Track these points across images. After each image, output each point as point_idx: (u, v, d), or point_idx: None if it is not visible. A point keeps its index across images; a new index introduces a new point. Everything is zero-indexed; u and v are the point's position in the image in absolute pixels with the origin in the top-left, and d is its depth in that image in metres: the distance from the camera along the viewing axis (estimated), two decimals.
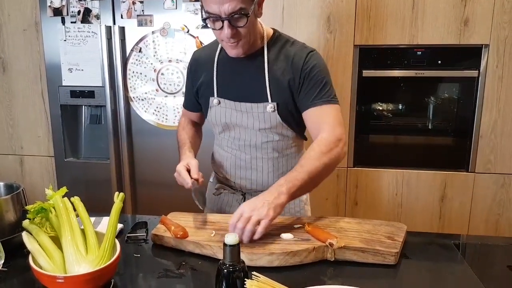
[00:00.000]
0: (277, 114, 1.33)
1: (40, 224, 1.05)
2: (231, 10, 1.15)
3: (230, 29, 1.19)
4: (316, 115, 1.31)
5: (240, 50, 1.27)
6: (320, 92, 1.30)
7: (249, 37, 1.25)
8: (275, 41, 1.35)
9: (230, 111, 1.38)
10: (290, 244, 1.12)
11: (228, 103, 1.38)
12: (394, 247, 1.11)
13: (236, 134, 1.42)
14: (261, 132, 1.38)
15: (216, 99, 1.40)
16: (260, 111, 1.34)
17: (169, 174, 2.38)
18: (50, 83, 2.39)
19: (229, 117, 1.39)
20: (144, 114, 2.31)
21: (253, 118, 1.36)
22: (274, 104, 1.32)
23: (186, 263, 1.11)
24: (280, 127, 1.36)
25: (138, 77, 2.27)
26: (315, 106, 1.30)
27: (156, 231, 1.23)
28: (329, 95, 1.31)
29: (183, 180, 1.33)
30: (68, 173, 2.48)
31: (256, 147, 1.41)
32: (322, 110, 1.30)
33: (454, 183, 2.29)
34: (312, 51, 1.34)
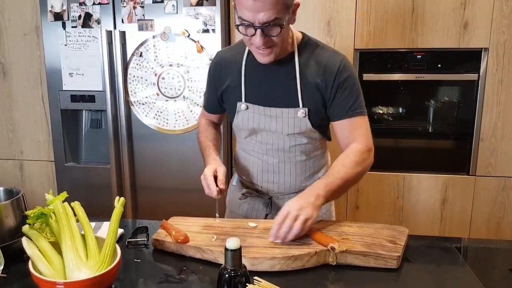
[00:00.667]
0: (307, 120, 1.32)
1: (40, 229, 1.04)
2: (266, 19, 1.12)
3: (263, 38, 1.17)
4: (348, 126, 1.32)
5: (271, 57, 1.24)
6: (354, 104, 1.31)
7: (281, 45, 1.23)
8: (305, 45, 1.33)
9: (258, 116, 1.37)
10: (291, 249, 1.11)
11: (256, 108, 1.36)
12: (396, 250, 1.10)
13: (263, 139, 1.41)
14: (290, 136, 1.37)
15: (244, 104, 1.37)
16: (291, 116, 1.33)
17: (170, 179, 2.40)
18: (51, 87, 2.39)
19: (257, 122, 1.37)
20: (145, 119, 2.31)
21: (283, 123, 1.35)
22: (305, 110, 1.31)
23: (187, 268, 1.11)
24: (309, 131, 1.36)
25: (138, 82, 2.27)
26: (348, 117, 1.31)
27: (157, 236, 1.23)
28: (361, 106, 1.32)
29: (209, 188, 1.31)
30: (68, 178, 2.47)
31: (284, 151, 1.40)
32: (355, 122, 1.32)
33: (455, 186, 2.29)
34: (343, 57, 1.33)
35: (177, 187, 2.36)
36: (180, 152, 2.32)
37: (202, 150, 1.51)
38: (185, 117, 2.27)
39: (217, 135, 1.58)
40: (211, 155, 1.44)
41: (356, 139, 1.32)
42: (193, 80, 2.22)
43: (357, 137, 1.32)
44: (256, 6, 1.10)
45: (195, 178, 2.35)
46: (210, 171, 1.34)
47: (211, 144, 1.49)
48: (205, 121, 1.60)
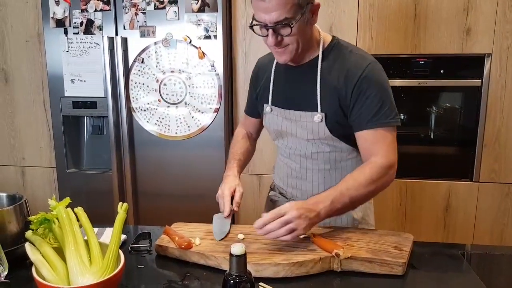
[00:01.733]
0: (325, 126, 1.28)
1: (43, 235, 1.04)
2: (276, 19, 1.14)
3: (274, 38, 1.19)
4: (369, 139, 1.25)
5: (287, 56, 1.23)
6: (377, 113, 1.22)
7: (296, 45, 1.21)
8: (332, 49, 1.29)
9: (281, 119, 1.37)
10: (296, 255, 1.10)
11: (279, 110, 1.37)
12: (402, 257, 1.09)
13: (288, 142, 1.40)
14: (311, 142, 1.34)
15: (269, 106, 1.39)
16: (308, 121, 1.30)
17: (171, 185, 2.39)
18: (52, 94, 2.39)
19: (280, 124, 1.38)
20: (147, 125, 2.31)
21: (301, 127, 1.33)
22: (322, 115, 1.27)
23: (190, 274, 1.10)
24: (330, 138, 1.30)
25: (140, 88, 2.28)
26: (369, 129, 1.23)
27: (160, 241, 1.22)
28: (387, 116, 1.22)
29: (224, 206, 1.31)
30: (70, 184, 2.46)
31: (306, 157, 1.37)
32: (377, 134, 1.23)
33: (459, 193, 2.28)
34: (370, 63, 1.24)
35: (179, 193, 2.35)
36: (182, 159, 2.31)
37: (228, 161, 1.51)
38: (187, 123, 2.26)
39: (249, 150, 1.57)
40: (232, 170, 1.43)
41: (377, 153, 1.23)
42: (195, 86, 2.22)
43: (378, 150, 1.23)
44: (266, 7, 1.13)
45: (196, 184, 2.37)
46: (229, 191, 1.33)
47: (238, 158, 1.48)
48: (242, 132, 1.60)
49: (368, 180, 1.20)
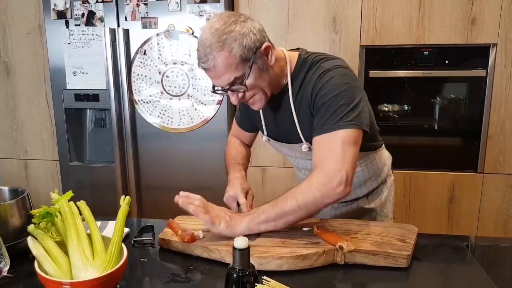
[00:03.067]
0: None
1: (45, 229, 1.03)
2: (227, 82, 1.13)
3: (235, 96, 1.19)
4: (314, 147, 1.16)
5: (259, 104, 1.22)
6: (322, 118, 1.12)
7: (262, 92, 1.19)
8: (299, 70, 1.23)
9: (279, 146, 1.38)
10: (299, 248, 1.09)
11: (273, 141, 1.38)
12: (406, 249, 1.08)
13: (294, 159, 1.43)
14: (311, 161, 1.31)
15: (265, 137, 1.41)
16: (299, 149, 1.30)
17: (174, 177, 2.39)
18: (54, 86, 2.38)
19: (280, 150, 1.41)
20: (149, 117, 2.30)
21: (299, 152, 1.33)
22: (307, 145, 1.25)
23: (194, 268, 1.10)
24: None
25: (142, 80, 2.26)
26: (314, 136, 1.15)
27: (163, 235, 1.22)
28: (333, 120, 1.10)
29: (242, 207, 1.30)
30: (73, 177, 2.47)
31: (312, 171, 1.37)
32: (318, 141, 1.14)
33: (463, 184, 2.27)
34: (327, 69, 1.16)
35: (182, 186, 2.31)
36: (185, 151, 2.31)
37: (230, 164, 1.46)
38: (190, 115, 2.25)
39: (247, 155, 1.54)
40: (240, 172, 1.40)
41: (316, 165, 1.13)
42: (198, 78, 2.21)
43: (315, 161, 1.14)
44: (213, 75, 1.14)
45: (199, 177, 2.36)
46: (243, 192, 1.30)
47: (242, 162, 1.46)
48: (234, 140, 1.57)
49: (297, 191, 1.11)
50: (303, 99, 1.21)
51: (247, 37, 1.10)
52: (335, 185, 1.08)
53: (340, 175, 1.08)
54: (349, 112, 1.11)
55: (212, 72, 1.12)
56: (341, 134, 1.09)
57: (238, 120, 1.54)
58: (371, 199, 1.40)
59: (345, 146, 1.09)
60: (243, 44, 1.10)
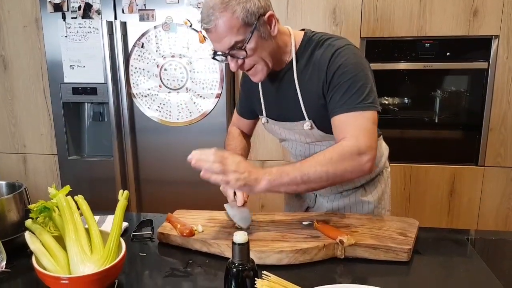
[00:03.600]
0: (317, 130, 1.25)
1: (43, 223, 1.03)
2: (228, 45, 1.12)
3: (235, 62, 1.17)
4: (338, 124, 1.15)
5: (260, 75, 1.20)
6: (344, 96, 1.13)
7: (263, 63, 1.18)
8: (305, 47, 1.22)
9: (278, 128, 1.35)
10: (299, 242, 1.08)
11: (273, 121, 1.35)
12: (407, 243, 1.07)
13: (291, 145, 1.39)
14: (312, 144, 1.31)
15: (264, 118, 1.38)
16: (300, 128, 1.27)
17: (173, 171, 2.38)
18: (52, 80, 2.36)
19: (279, 133, 1.37)
20: (148, 111, 2.28)
21: (299, 134, 1.30)
22: (310, 122, 1.23)
23: (193, 262, 1.09)
24: (328, 139, 1.25)
25: (140, 73, 2.24)
26: (337, 114, 1.14)
27: (162, 229, 1.21)
28: (357, 100, 1.12)
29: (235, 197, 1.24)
30: (71, 171, 2.45)
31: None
32: (347, 118, 1.13)
33: (463, 177, 2.26)
34: (338, 49, 1.16)
35: (181, 180, 2.34)
36: (184, 145, 2.29)
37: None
38: (188, 109, 2.24)
39: (247, 147, 1.52)
40: None
41: (344, 136, 1.12)
42: (196, 71, 2.19)
43: (346, 133, 1.12)
44: (214, 37, 1.13)
45: (199, 171, 2.33)
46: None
47: (240, 153, 1.43)
48: (235, 130, 1.55)
49: (326, 159, 1.08)
50: (311, 76, 1.20)
51: (251, 2, 1.10)
52: (365, 161, 1.09)
53: (373, 152, 1.10)
54: (369, 94, 1.13)
55: (214, 33, 1.12)
56: (367, 114, 1.12)
57: (237, 109, 1.54)
58: (368, 191, 1.38)
59: (372, 124, 1.12)
60: (246, 8, 1.09)
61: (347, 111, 1.12)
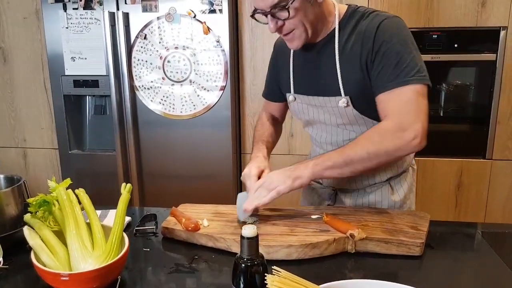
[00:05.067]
0: (352, 109, 1.16)
1: (42, 218, 1.00)
2: (271, 3, 1.07)
3: (274, 23, 1.12)
4: (384, 101, 1.09)
5: (298, 42, 1.14)
6: (394, 72, 1.06)
7: (302, 28, 1.12)
8: (348, 19, 1.16)
9: (307, 106, 1.27)
10: (308, 236, 1.05)
11: (302, 98, 1.26)
12: (419, 237, 1.04)
13: (318, 130, 1.31)
14: (341, 128, 1.24)
15: (291, 95, 1.29)
16: (333, 105, 1.18)
17: (177, 165, 2.34)
18: (53, 72, 2.32)
19: (307, 113, 1.28)
20: (151, 104, 2.25)
21: (329, 113, 1.22)
22: (347, 99, 1.15)
23: (198, 257, 1.05)
24: (361, 122, 1.19)
25: (143, 65, 2.20)
26: (384, 90, 1.08)
27: (166, 223, 1.17)
28: (406, 73, 1.05)
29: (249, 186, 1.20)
30: (73, 166, 2.42)
31: (337, 146, 1.25)
32: (393, 94, 1.07)
33: (471, 171, 2.22)
34: (385, 19, 1.10)
35: (185, 174, 2.30)
36: (188, 138, 2.26)
37: (255, 142, 1.40)
38: (192, 102, 2.20)
39: (276, 133, 1.47)
40: (262, 151, 1.31)
41: (388, 114, 1.07)
42: (200, 63, 2.15)
43: (388, 112, 1.08)
44: None
45: (203, 165, 2.32)
46: (256, 170, 1.20)
47: (267, 140, 1.39)
48: (265, 115, 1.49)
49: (366, 140, 1.07)
50: (353, 47, 1.13)
51: None
52: (410, 137, 1.05)
53: (416, 127, 1.04)
54: (422, 66, 1.08)
55: None
56: (416, 88, 1.06)
57: (265, 93, 1.48)
58: (394, 189, 1.32)
59: (420, 98, 1.06)
60: None
61: (395, 86, 1.07)
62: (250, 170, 1.21)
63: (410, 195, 1.36)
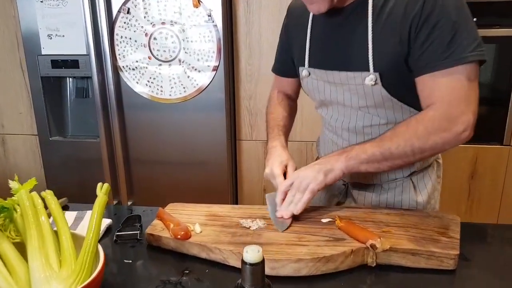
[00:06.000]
0: (381, 88, 0.98)
1: (2, 227, 0.83)
2: None
3: None
4: (428, 84, 0.93)
5: (320, 5, 0.96)
6: (448, 48, 0.89)
7: None
8: None
9: (323, 83, 1.09)
10: (320, 247, 0.88)
11: (319, 73, 1.08)
12: (453, 247, 0.87)
13: (333, 113, 1.13)
14: (362, 111, 1.06)
15: (305, 69, 1.10)
16: (358, 83, 1.00)
17: (167, 153, 2.16)
18: (28, 52, 2.10)
19: (322, 91, 1.10)
20: (136, 86, 2.04)
21: (350, 92, 1.04)
22: (376, 75, 0.96)
23: (190, 272, 0.89)
24: (389, 105, 1.02)
25: (127, 43, 1.99)
26: (432, 70, 0.91)
27: (152, 229, 1.00)
28: (464, 49, 0.88)
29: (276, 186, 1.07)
30: (55, 153, 2.23)
31: (355, 132, 1.09)
32: (441, 77, 0.91)
33: (487, 158, 2.06)
34: None
35: (175, 162, 2.12)
36: (178, 124, 2.07)
37: (270, 128, 1.24)
38: (182, 83, 2.00)
39: (291, 114, 1.30)
40: (279, 140, 1.17)
41: (434, 104, 0.93)
42: (189, 40, 1.94)
43: (435, 99, 0.92)
44: None
45: (195, 151, 2.14)
46: (280, 169, 1.07)
47: (283, 124, 1.23)
48: (277, 95, 1.30)
49: (410, 132, 0.94)
50: (392, 14, 0.94)
51: None
52: (460, 130, 0.93)
53: (467, 118, 0.92)
54: (473, 39, 0.90)
55: None
56: (472, 68, 0.91)
57: (276, 68, 1.30)
58: (417, 187, 1.15)
59: (473, 81, 0.92)
60: None
61: (445, 66, 0.90)
62: (273, 169, 1.06)
63: (435, 193, 1.19)
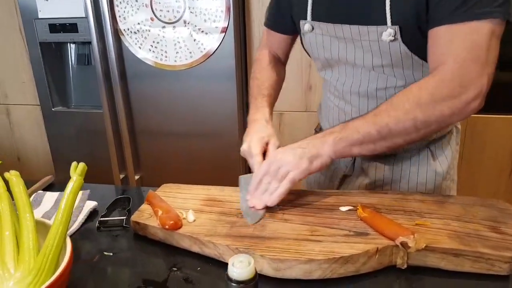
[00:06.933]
0: (400, 44, 0.84)
1: None
2: None
3: None
4: (444, 38, 0.78)
5: None
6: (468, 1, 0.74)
7: None
8: None
9: (329, 39, 0.93)
10: (338, 243, 0.71)
11: (324, 27, 0.92)
12: (507, 247, 0.69)
13: (340, 75, 0.98)
14: (376, 71, 0.90)
15: (308, 23, 0.95)
16: (373, 39, 0.86)
17: (173, 124, 2.00)
18: (25, 15, 1.95)
19: (328, 48, 0.95)
20: (139, 52, 1.87)
21: (363, 49, 0.89)
22: (394, 29, 0.82)
23: (178, 269, 0.74)
24: (409, 63, 0.87)
25: (127, 3, 1.80)
26: (447, 23, 0.77)
27: (138, 216, 0.85)
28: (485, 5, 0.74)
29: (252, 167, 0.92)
30: (58, 124, 2.10)
31: (367, 96, 0.95)
32: (458, 31, 0.76)
33: None
34: None
35: (183, 133, 1.97)
36: (184, 92, 1.89)
37: (252, 97, 1.08)
38: (188, 48, 1.81)
39: (278, 80, 1.13)
40: (262, 111, 1.02)
41: (443, 63, 0.77)
42: None
43: (447, 58, 0.77)
44: None
45: (203, 123, 1.97)
46: (259, 146, 0.92)
47: (267, 93, 1.07)
48: (266, 56, 1.14)
49: (411, 102, 0.77)
50: None
51: None
52: (470, 97, 0.76)
53: (481, 83, 0.76)
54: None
55: None
56: (495, 25, 0.75)
57: (269, 21, 1.12)
58: (435, 155, 0.99)
59: (494, 40, 0.75)
60: None
61: (463, 19, 0.75)
62: (250, 146, 0.90)
63: (454, 162, 1.04)
